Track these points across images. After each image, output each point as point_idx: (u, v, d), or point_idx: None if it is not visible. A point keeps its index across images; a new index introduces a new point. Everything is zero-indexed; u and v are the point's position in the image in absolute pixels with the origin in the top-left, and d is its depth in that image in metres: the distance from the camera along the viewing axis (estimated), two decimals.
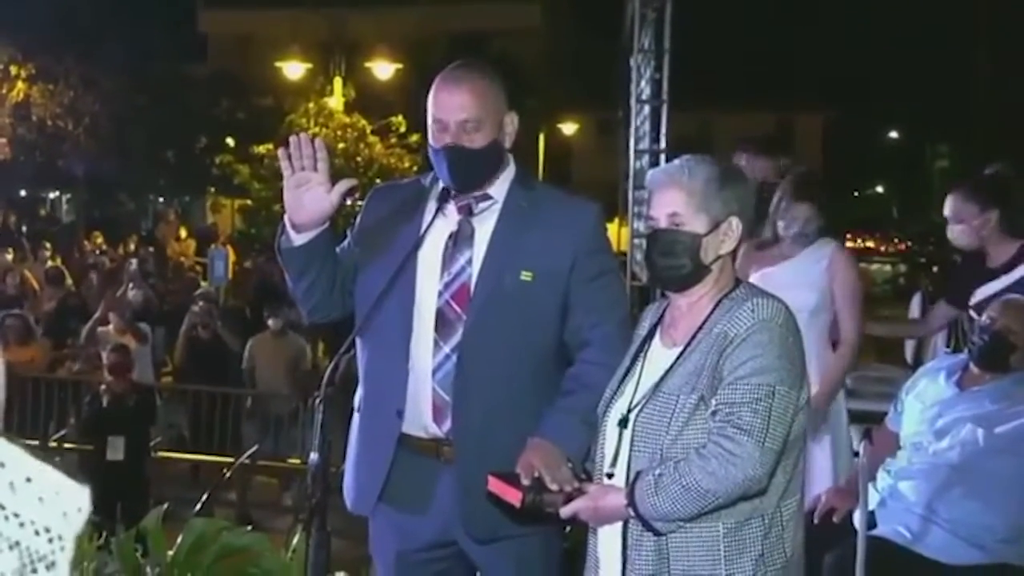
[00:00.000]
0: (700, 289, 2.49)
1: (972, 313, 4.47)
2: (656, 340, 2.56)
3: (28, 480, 0.77)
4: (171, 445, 9.46)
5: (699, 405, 2.36)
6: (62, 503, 0.78)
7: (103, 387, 8.06)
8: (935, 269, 19.73)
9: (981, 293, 4.43)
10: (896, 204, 43.79)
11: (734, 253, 2.52)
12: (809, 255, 4.52)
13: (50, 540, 0.77)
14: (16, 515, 0.76)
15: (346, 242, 2.91)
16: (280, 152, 2.69)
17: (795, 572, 2.47)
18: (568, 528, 3.02)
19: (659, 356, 2.51)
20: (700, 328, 2.45)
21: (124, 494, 7.13)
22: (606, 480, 2.48)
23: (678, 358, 2.45)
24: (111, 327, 9.93)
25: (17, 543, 0.75)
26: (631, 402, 2.48)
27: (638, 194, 9.23)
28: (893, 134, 43.30)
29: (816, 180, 4.80)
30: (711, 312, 2.45)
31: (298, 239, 2.74)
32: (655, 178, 2.56)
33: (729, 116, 32.10)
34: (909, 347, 6.48)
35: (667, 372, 2.45)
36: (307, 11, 21.18)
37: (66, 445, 8.98)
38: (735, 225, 2.47)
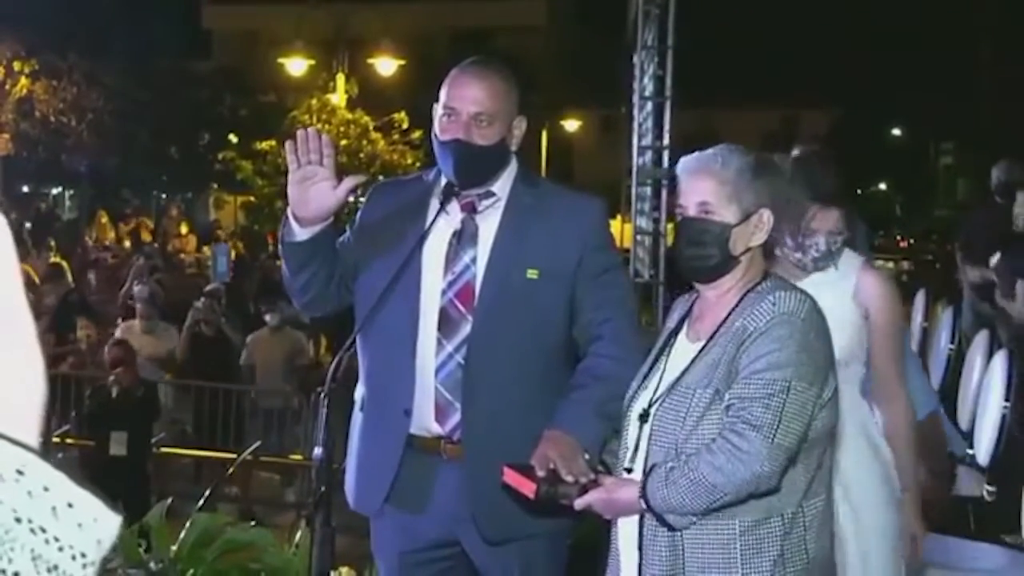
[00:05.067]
0: (728, 281, 2.45)
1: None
2: (682, 335, 2.54)
3: (70, 505, 0.78)
4: (174, 441, 9.47)
5: (714, 399, 2.33)
6: (98, 530, 0.80)
7: (111, 379, 8.07)
8: (939, 266, 19.70)
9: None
10: (900, 202, 43.71)
11: (764, 247, 2.49)
12: (830, 281, 3.12)
13: (84, 566, 0.79)
14: (56, 539, 0.78)
15: (345, 236, 2.90)
16: (287, 145, 2.69)
17: (819, 575, 2.42)
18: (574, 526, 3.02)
19: (683, 350, 2.49)
20: (723, 322, 2.41)
21: (126, 489, 7.15)
22: (625, 475, 2.47)
23: (699, 352, 2.42)
24: (136, 323, 9.99)
25: (56, 566, 0.77)
26: (652, 396, 2.46)
27: (640, 191, 9.23)
28: (896, 131, 43.25)
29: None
30: (735, 306, 2.41)
31: (301, 233, 2.73)
32: (686, 166, 2.50)
33: (733, 113, 32.08)
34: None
35: (688, 367, 2.42)
36: (310, 7, 21.13)
37: (68, 441, 8.98)
38: (766, 218, 2.42)
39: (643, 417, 2.45)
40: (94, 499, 0.80)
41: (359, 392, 2.89)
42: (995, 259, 6.06)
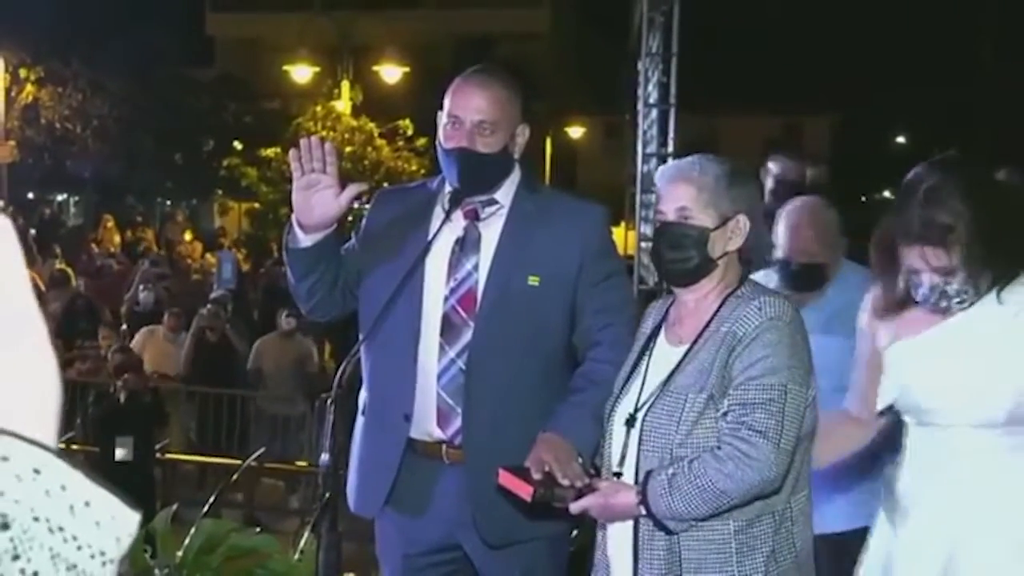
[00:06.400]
0: (707, 284, 2.51)
1: None
2: (661, 338, 2.58)
3: (87, 504, 0.79)
4: (179, 447, 9.48)
5: (708, 404, 2.38)
6: (116, 528, 0.80)
7: (119, 384, 8.09)
8: None
9: None
10: None
11: (740, 252, 2.55)
12: (988, 313, 2.43)
13: (103, 564, 0.79)
14: (74, 537, 0.77)
15: (350, 243, 2.93)
16: (291, 153, 2.72)
17: (805, 568, 2.48)
18: (574, 532, 3.03)
19: (665, 354, 2.53)
20: (707, 326, 2.46)
21: (132, 495, 7.17)
22: (614, 479, 2.49)
23: (685, 356, 2.46)
24: (162, 327, 10.06)
25: (74, 565, 0.77)
26: (637, 401, 2.49)
27: (645, 198, 9.23)
28: (900, 139, 43.27)
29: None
30: (717, 310, 2.47)
31: (305, 240, 2.76)
32: (665, 173, 2.60)
33: (736, 120, 32.09)
34: None
35: (674, 370, 2.46)
36: (315, 15, 21.21)
37: (73, 447, 9.00)
38: (743, 223, 2.50)
39: (629, 422, 2.48)
40: (112, 497, 0.80)
41: (362, 397, 2.91)
42: None
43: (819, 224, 3.55)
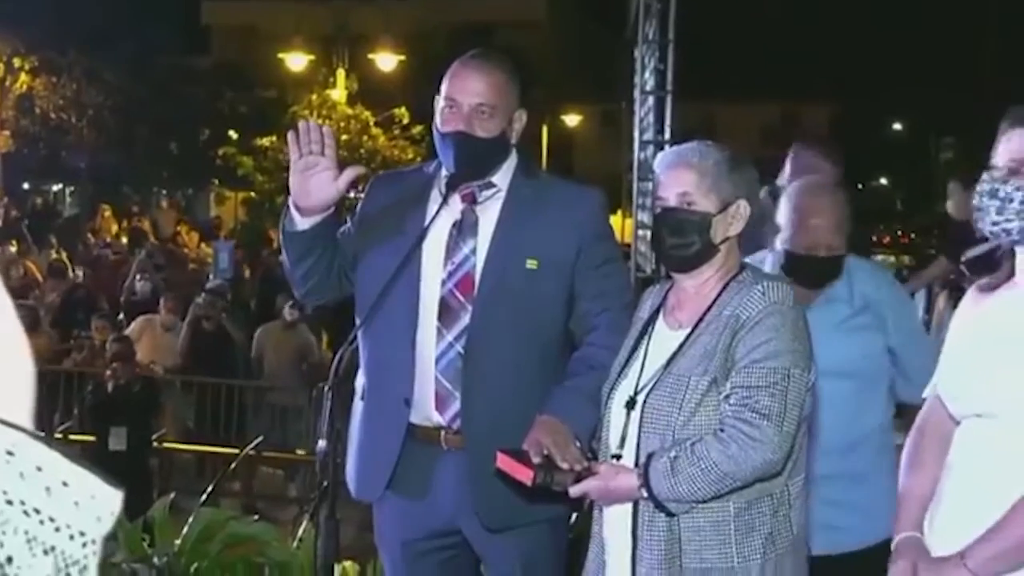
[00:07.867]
0: (707, 270, 2.51)
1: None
2: (660, 323, 2.57)
3: (64, 484, 0.76)
4: (177, 436, 9.48)
5: (711, 387, 2.38)
6: (96, 507, 0.77)
7: (108, 373, 8.07)
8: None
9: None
10: (900, 197, 43.78)
11: (740, 236, 2.55)
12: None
13: (84, 544, 0.76)
14: (52, 519, 0.75)
15: (346, 227, 2.92)
16: (288, 136, 2.70)
17: (801, 549, 2.50)
18: (574, 518, 3.03)
19: (665, 338, 2.52)
20: (708, 310, 2.46)
21: (127, 484, 7.16)
22: (612, 462, 2.49)
23: (686, 340, 2.46)
24: (159, 317, 10.06)
25: (52, 547, 0.75)
26: (637, 384, 2.49)
27: (642, 185, 9.21)
28: (897, 126, 43.32)
29: None
30: (719, 294, 2.47)
31: (302, 223, 2.75)
32: (665, 159, 2.59)
33: (734, 107, 32.11)
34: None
35: (675, 354, 2.46)
36: (310, 3, 21.19)
37: (71, 437, 8.99)
38: (743, 208, 2.50)
39: (629, 404, 2.47)
40: (91, 476, 0.77)
41: (359, 381, 2.91)
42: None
43: (838, 212, 3.09)
